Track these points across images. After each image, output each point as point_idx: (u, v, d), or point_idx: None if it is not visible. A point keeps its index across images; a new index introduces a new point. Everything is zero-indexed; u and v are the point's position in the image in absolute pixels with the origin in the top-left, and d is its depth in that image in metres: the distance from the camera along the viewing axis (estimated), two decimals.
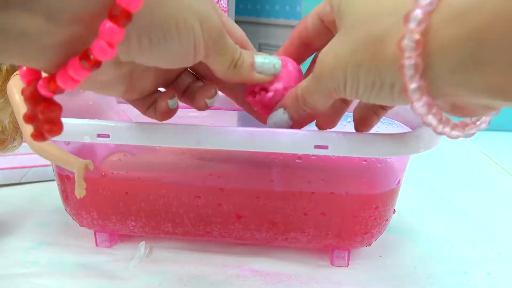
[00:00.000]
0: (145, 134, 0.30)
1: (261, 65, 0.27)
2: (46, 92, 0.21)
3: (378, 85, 0.22)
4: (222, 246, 0.39)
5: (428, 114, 0.21)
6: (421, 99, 0.20)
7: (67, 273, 0.36)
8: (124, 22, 0.19)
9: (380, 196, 0.34)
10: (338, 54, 0.23)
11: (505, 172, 0.58)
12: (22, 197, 0.49)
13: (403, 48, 0.19)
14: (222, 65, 0.26)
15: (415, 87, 0.20)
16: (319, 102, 0.26)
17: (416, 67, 0.19)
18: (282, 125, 0.28)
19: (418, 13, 0.19)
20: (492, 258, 0.38)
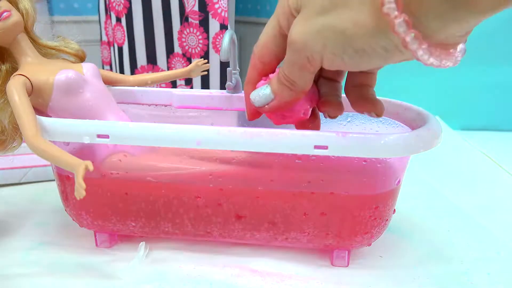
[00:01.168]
0: (145, 135, 0.30)
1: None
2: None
3: (368, 50, 0.23)
4: (222, 246, 0.39)
5: (430, 57, 0.22)
6: (420, 46, 0.22)
7: (67, 273, 0.36)
8: None
9: (380, 196, 0.34)
10: (309, 23, 0.24)
11: (505, 172, 0.58)
12: (22, 197, 0.49)
13: (387, 12, 0.21)
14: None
15: (412, 38, 0.21)
16: (296, 76, 0.27)
17: (406, 22, 0.21)
18: (264, 99, 0.29)
19: None
20: (492, 258, 0.38)
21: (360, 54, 0.23)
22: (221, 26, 0.73)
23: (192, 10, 0.73)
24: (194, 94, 0.43)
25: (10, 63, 0.36)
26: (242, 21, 1.16)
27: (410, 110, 0.36)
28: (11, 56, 0.36)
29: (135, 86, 0.43)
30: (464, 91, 0.79)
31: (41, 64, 0.35)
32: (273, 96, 0.28)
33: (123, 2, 0.75)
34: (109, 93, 0.38)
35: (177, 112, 0.44)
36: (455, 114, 0.79)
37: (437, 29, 0.22)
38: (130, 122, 0.31)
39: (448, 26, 0.21)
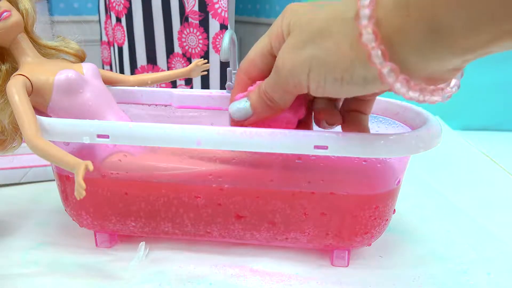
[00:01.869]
0: (145, 135, 0.30)
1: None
2: None
3: (347, 79, 0.23)
4: (222, 246, 0.39)
5: (408, 90, 0.23)
6: (397, 79, 0.22)
7: (67, 273, 0.36)
8: None
9: (380, 196, 0.34)
10: (296, 51, 0.25)
11: (505, 172, 0.58)
12: (22, 197, 0.49)
13: (365, 43, 0.21)
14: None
15: (388, 70, 0.22)
16: (278, 96, 0.27)
17: (383, 53, 0.21)
18: (243, 114, 0.29)
19: (365, 11, 0.21)
20: (492, 258, 0.38)
21: (340, 83, 0.24)
22: (221, 26, 0.73)
23: (192, 10, 0.73)
24: (194, 94, 0.43)
25: (10, 63, 0.36)
26: (242, 21, 1.16)
27: (410, 110, 0.36)
28: (11, 56, 0.36)
29: (135, 86, 0.43)
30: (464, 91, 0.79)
31: (41, 64, 0.35)
32: (251, 112, 0.29)
33: (123, 2, 0.75)
34: (109, 93, 0.38)
35: (177, 112, 0.44)
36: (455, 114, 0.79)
37: (417, 65, 0.22)
38: (130, 122, 0.31)
39: (429, 63, 0.22)
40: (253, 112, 0.29)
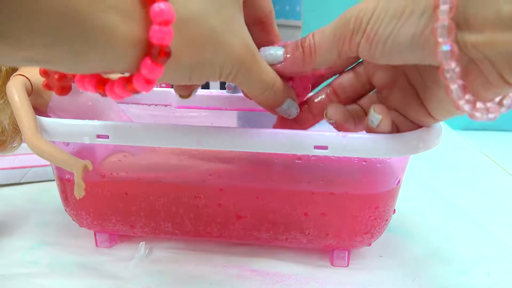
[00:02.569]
0: (145, 135, 0.30)
1: (285, 110, 0.29)
2: (123, 92, 0.22)
3: (408, 12, 0.22)
4: (222, 246, 0.39)
5: (448, 63, 0.21)
6: (446, 41, 0.21)
7: (67, 273, 0.36)
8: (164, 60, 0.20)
9: (380, 196, 0.34)
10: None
11: (505, 172, 0.58)
12: (22, 197, 0.49)
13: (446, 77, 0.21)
14: (248, 92, 0.27)
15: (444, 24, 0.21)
16: (324, 47, 0.26)
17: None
18: (273, 58, 0.28)
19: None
20: (492, 258, 0.38)
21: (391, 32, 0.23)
22: None
23: None
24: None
25: None
26: None
27: None
28: None
29: None
30: None
31: None
32: (282, 59, 0.27)
33: None
34: None
35: (177, 112, 0.43)
36: None
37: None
38: (130, 122, 0.31)
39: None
40: (283, 60, 0.27)
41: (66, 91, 0.25)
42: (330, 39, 0.26)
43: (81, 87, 0.23)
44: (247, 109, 0.41)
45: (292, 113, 0.29)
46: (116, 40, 0.19)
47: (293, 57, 0.27)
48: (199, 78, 0.24)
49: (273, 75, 0.27)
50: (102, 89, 0.22)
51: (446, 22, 0.21)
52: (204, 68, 0.23)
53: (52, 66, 0.20)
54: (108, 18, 0.19)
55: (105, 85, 0.22)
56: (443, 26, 0.21)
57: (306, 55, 0.27)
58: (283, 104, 0.28)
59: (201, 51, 0.22)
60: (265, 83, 0.26)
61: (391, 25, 0.23)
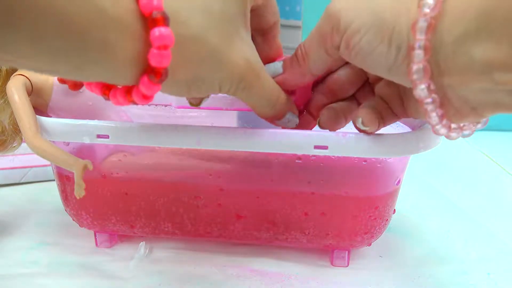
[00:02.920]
0: (145, 135, 0.30)
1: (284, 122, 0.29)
2: (124, 101, 0.23)
3: (387, 41, 0.22)
4: (222, 246, 0.39)
5: (427, 98, 0.22)
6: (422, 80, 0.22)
7: (67, 273, 0.36)
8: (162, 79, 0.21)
9: (380, 196, 0.34)
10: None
11: (505, 172, 0.58)
12: (22, 197, 0.49)
13: (415, 30, 0.21)
14: (250, 106, 0.28)
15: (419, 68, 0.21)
16: (312, 48, 0.26)
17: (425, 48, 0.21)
18: (273, 71, 0.28)
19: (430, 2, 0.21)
20: (492, 258, 0.38)
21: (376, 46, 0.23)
22: None
23: None
24: None
25: None
26: None
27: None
28: None
29: None
30: None
31: None
32: (281, 71, 0.28)
33: None
34: None
35: (177, 112, 0.43)
36: None
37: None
38: (130, 122, 0.31)
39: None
40: (283, 70, 0.28)
41: (79, 86, 0.27)
42: (316, 37, 0.26)
43: (89, 88, 0.25)
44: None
45: (291, 125, 0.29)
46: (116, 57, 0.20)
47: (290, 66, 0.28)
48: (198, 92, 0.24)
49: (277, 92, 0.27)
50: (107, 94, 0.24)
51: (421, 65, 0.21)
52: (202, 84, 0.24)
53: (60, 75, 0.22)
54: (109, 35, 0.19)
55: (110, 90, 0.23)
56: (419, 69, 0.21)
57: (300, 60, 0.27)
58: (283, 117, 0.29)
59: (198, 68, 0.23)
60: (267, 100, 0.27)
61: (371, 46, 0.23)
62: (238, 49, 0.24)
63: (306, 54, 0.27)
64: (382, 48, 0.23)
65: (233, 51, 0.23)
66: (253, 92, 0.26)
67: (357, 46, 0.23)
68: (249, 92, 0.25)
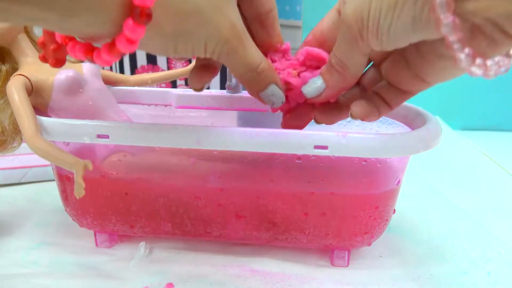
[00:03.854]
0: (145, 135, 0.30)
1: (268, 95, 0.29)
2: (109, 56, 0.23)
3: (401, 2, 0.22)
4: (222, 246, 0.39)
5: (453, 34, 0.22)
6: (447, 16, 0.21)
7: (67, 273, 0.36)
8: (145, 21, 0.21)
9: (380, 196, 0.34)
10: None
11: (505, 172, 0.58)
12: (22, 197, 0.49)
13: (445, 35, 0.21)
14: (233, 71, 0.28)
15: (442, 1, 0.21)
16: (347, 56, 0.26)
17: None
18: (316, 90, 0.28)
19: None
20: (492, 258, 0.38)
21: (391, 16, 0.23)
22: None
23: None
24: (194, 94, 0.43)
25: (10, 64, 0.36)
26: None
27: (410, 110, 0.36)
28: (11, 57, 0.36)
29: (135, 86, 0.43)
30: (464, 91, 0.79)
31: (41, 64, 0.35)
32: (325, 86, 0.28)
33: None
34: (109, 93, 0.38)
35: (177, 112, 0.44)
36: (455, 114, 0.79)
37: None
38: (130, 122, 0.31)
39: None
40: (326, 85, 0.28)
41: (61, 63, 0.26)
42: (347, 47, 0.26)
43: (73, 54, 0.24)
44: (247, 109, 0.41)
45: (276, 101, 0.29)
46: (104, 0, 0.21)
47: (333, 79, 0.28)
48: (185, 50, 0.25)
49: (259, 58, 0.27)
50: (90, 55, 0.24)
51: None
52: (189, 41, 0.24)
53: (47, 25, 0.22)
54: None
55: (93, 51, 0.24)
56: (441, 3, 0.21)
57: (341, 72, 0.27)
58: (266, 89, 0.28)
59: (184, 23, 0.23)
60: (249, 65, 0.27)
61: (389, 16, 0.23)
62: (225, 12, 0.25)
63: (344, 63, 0.27)
64: (400, 8, 0.23)
65: (220, 14, 0.24)
66: (237, 57, 0.26)
67: (380, 25, 0.24)
68: (233, 56, 0.26)
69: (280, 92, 0.29)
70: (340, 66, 0.27)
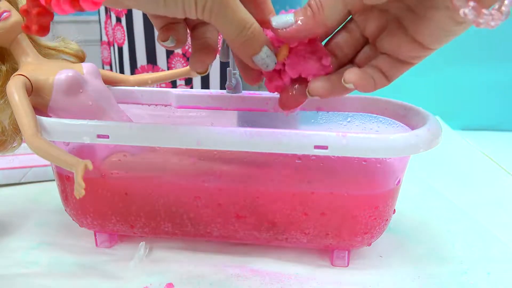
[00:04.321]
0: (145, 135, 0.30)
1: (263, 58, 0.28)
2: (69, 7, 0.22)
3: None
4: (222, 246, 0.39)
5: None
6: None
7: (67, 273, 0.36)
8: None
9: (380, 196, 0.34)
10: None
11: (505, 172, 0.58)
12: (22, 197, 0.49)
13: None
14: (226, 33, 0.27)
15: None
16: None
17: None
18: (284, 22, 0.28)
19: None
20: (492, 258, 0.38)
21: None
22: None
23: None
24: (194, 94, 0.43)
25: (10, 64, 0.36)
26: None
27: (410, 110, 0.36)
28: (11, 57, 0.36)
29: (135, 86, 0.43)
30: (464, 91, 0.79)
31: (41, 64, 0.35)
32: (293, 21, 0.28)
33: None
34: (109, 93, 0.38)
35: (177, 112, 0.44)
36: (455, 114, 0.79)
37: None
38: (130, 122, 0.31)
39: None
40: (294, 20, 0.28)
41: (45, 30, 0.26)
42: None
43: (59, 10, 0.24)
44: (247, 109, 0.41)
45: (270, 63, 0.28)
46: None
47: (304, 17, 0.27)
48: (175, 5, 0.24)
49: (250, 17, 0.27)
50: (77, 3, 0.23)
51: None
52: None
53: None
54: None
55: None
56: None
57: (315, 12, 0.27)
58: (260, 51, 0.28)
59: None
60: (242, 22, 0.27)
61: None
62: None
63: (322, 5, 0.27)
64: None
65: None
66: (229, 15, 0.26)
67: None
68: (225, 13, 0.25)
69: (273, 53, 0.28)
70: (316, 6, 0.27)
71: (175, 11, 0.25)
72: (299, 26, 0.27)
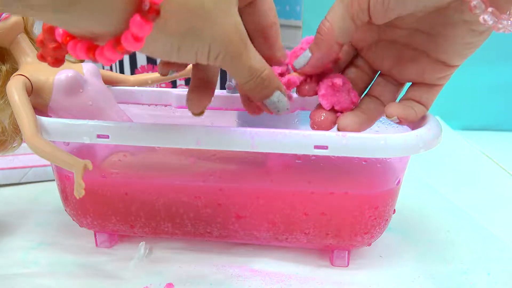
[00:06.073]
0: (145, 135, 0.30)
1: (274, 102, 0.29)
2: (113, 54, 0.22)
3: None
4: (222, 246, 0.39)
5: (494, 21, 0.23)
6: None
7: (67, 273, 0.36)
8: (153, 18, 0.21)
9: (380, 196, 0.34)
10: None
11: (505, 172, 0.58)
12: (22, 197, 0.49)
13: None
14: (237, 78, 0.27)
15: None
16: (337, 16, 0.27)
17: None
18: (301, 60, 0.29)
19: None
20: (492, 258, 0.38)
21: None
22: None
23: None
24: None
25: (10, 64, 0.36)
26: None
27: None
28: (11, 57, 0.36)
29: (135, 86, 0.43)
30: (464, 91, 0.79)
31: (41, 64, 0.35)
32: (310, 53, 0.29)
33: None
34: (109, 93, 0.38)
35: (177, 112, 0.44)
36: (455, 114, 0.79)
37: None
38: (130, 122, 0.31)
39: None
40: (311, 52, 0.29)
41: (59, 62, 0.26)
42: (340, 7, 0.27)
43: (73, 53, 0.24)
44: None
45: (282, 107, 0.29)
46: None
47: (317, 43, 0.28)
48: (188, 52, 0.24)
49: (263, 64, 0.27)
50: (93, 53, 0.23)
51: None
52: (194, 41, 0.23)
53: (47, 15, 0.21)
54: None
55: (96, 50, 0.23)
56: None
57: (325, 33, 0.28)
58: (272, 95, 0.28)
59: (189, 20, 0.23)
60: (253, 69, 0.27)
61: None
62: (229, 15, 0.24)
63: (331, 24, 0.27)
64: None
65: (225, 15, 0.24)
66: (242, 61, 0.26)
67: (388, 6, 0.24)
68: (238, 60, 0.26)
69: (285, 98, 0.29)
70: (325, 27, 0.27)
71: (187, 59, 0.25)
72: (316, 57, 0.29)
